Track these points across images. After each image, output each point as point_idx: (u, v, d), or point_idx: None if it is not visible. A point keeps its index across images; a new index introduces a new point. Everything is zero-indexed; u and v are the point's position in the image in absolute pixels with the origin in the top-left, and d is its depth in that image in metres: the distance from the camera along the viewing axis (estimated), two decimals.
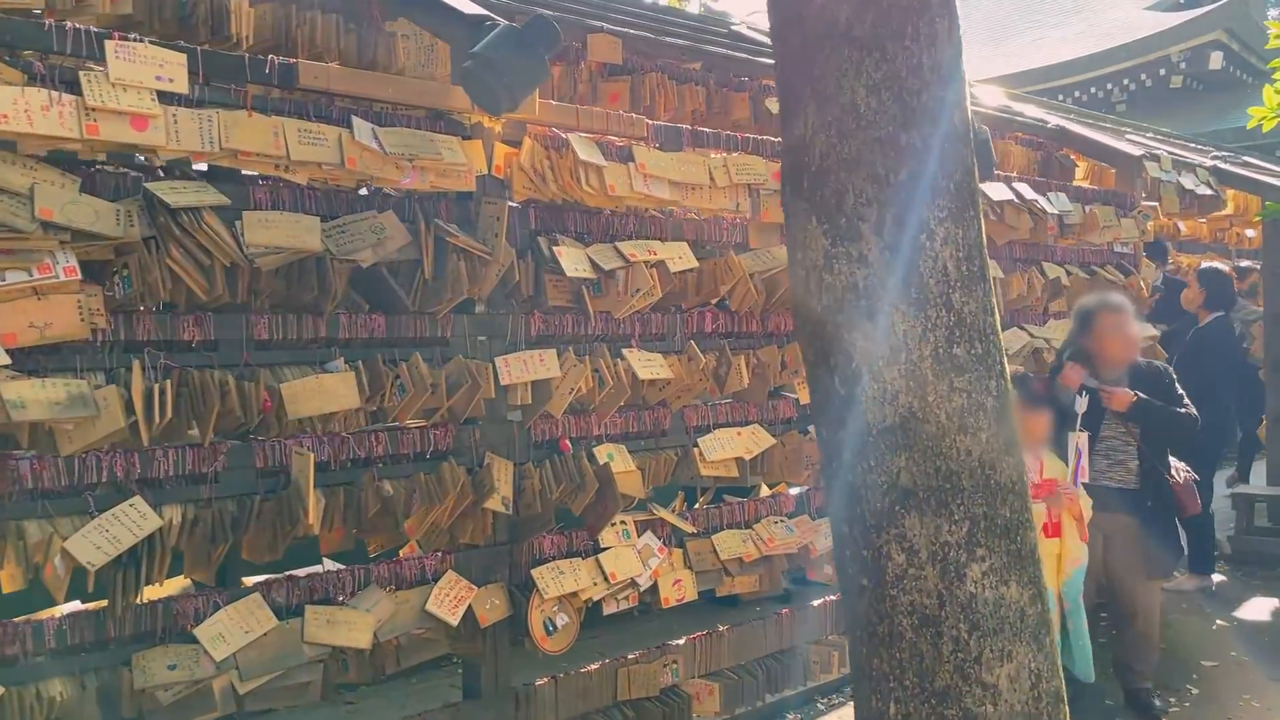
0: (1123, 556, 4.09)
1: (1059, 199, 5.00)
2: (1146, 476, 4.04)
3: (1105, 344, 4.03)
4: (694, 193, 3.44)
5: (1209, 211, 7.10)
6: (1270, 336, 7.04)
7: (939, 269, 2.05)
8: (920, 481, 2.04)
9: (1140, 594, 4.11)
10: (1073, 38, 19.30)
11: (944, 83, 2.08)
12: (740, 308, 3.61)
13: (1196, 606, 5.78)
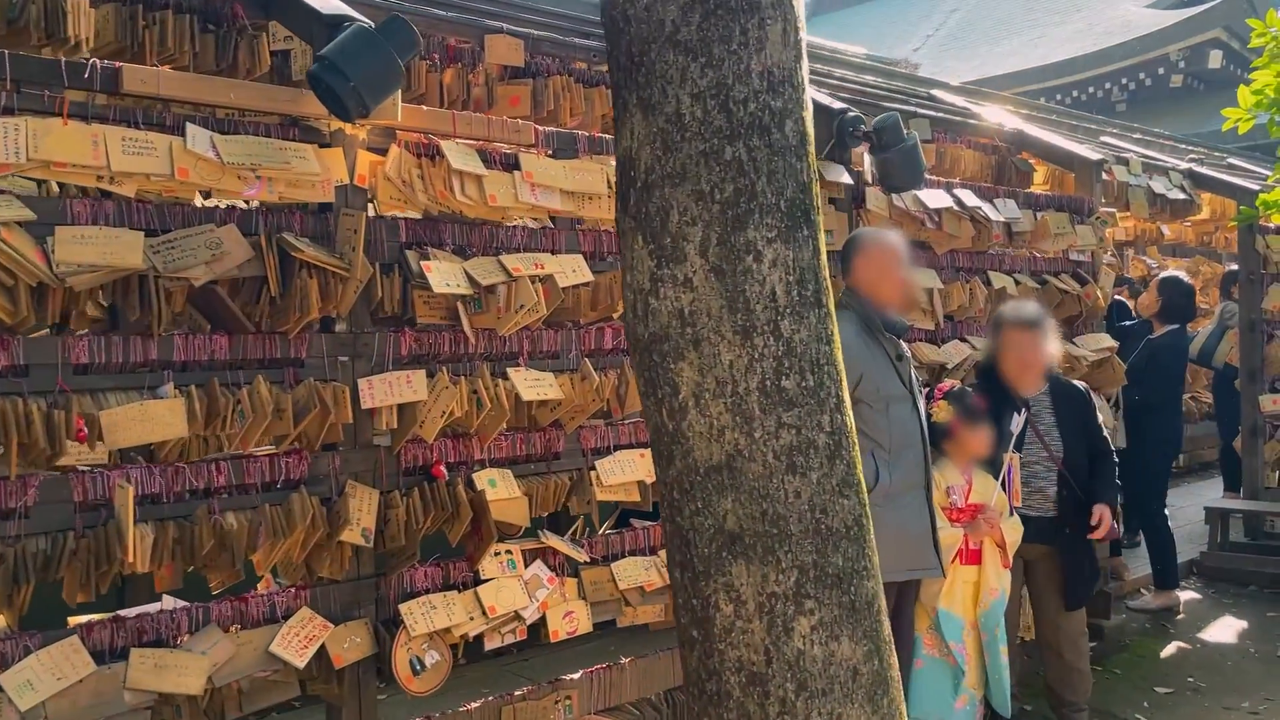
0: (1042, 587, 3.91)
1: (1006, 205, 4.81)
2: (1065, 503, 3.85)
3: (1007, 361, 3.85)
4: (590, 203, 3.26)
5: (1182, 216, 6.89)
6: (1246, 345, 6.81)
7: (766, 294, 1.87)
8: (746, 526, 1.86)
9: (1062, 625, 3.93)
10: (1073, 36, 19.05)
11: (774, 91, 1.89)
12: None
13: (1161, 627, 5.58)
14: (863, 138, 4.02)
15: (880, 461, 3.38)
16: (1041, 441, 3.86)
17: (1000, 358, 3.92)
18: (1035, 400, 3.93)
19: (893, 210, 4.28)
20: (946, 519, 3.74)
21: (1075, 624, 3.97)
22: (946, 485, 3.79)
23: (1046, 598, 3.94)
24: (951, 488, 3.80)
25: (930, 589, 3.72)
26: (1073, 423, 3.91)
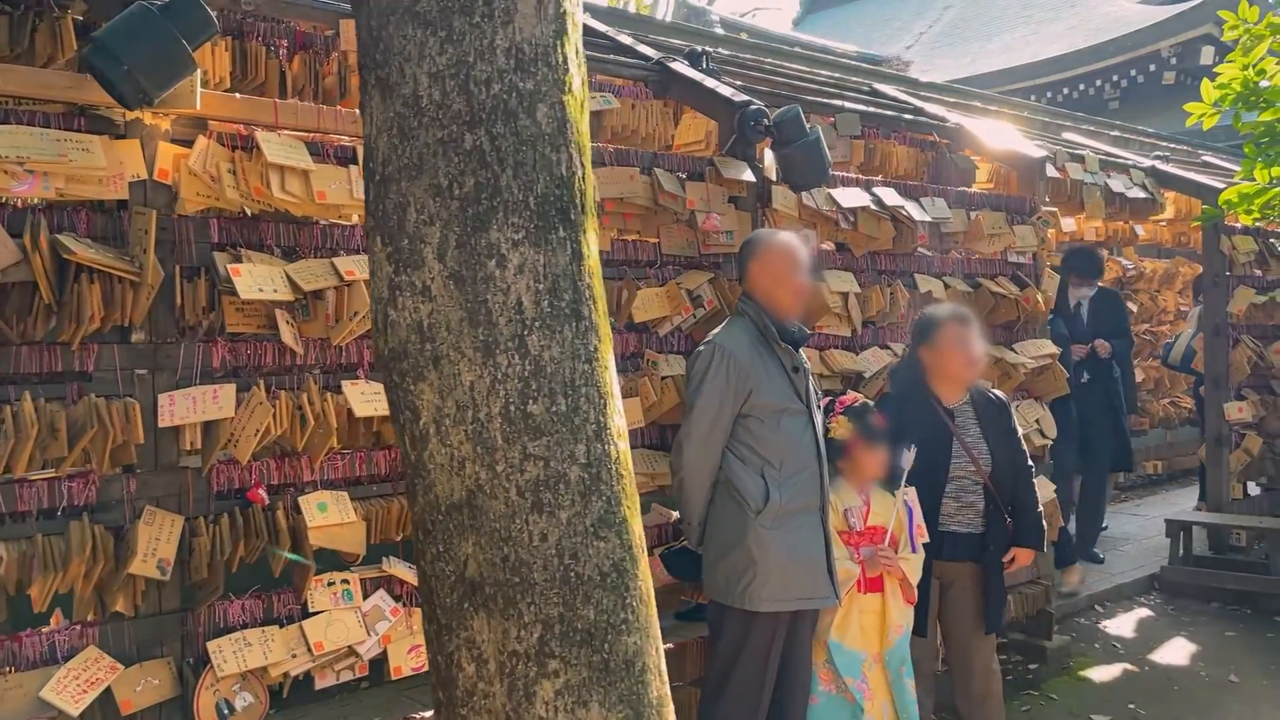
0: (958, 609, 3.65)
1: (935, 204, 4.53)
2: (991, 519, 3.59)
3: (947, 359, 3.59)
4: None
5: (1144, 215, 6.61)
6: (1210, 351, 6.52)
7: (511, 304, 1.61)
8: (487, 573, 1.60)
9: (976, 650, 3.66)
10: (1065, 32, 18.72)
11: (524, 70, 1.64)
12: None
13: (1110, 648, 5.30)
14: (764, 132, 3.76)
15: (771, 481, 3.13)
16: (969, 454, 3.59)
17: (937, 358, 3.64)
18: (959, 410, 3.67)
19: (803, 209, 4.01)
20: (843, 543, 3.49)
21: (989, 649, 3.71)
22: (844, 507, 3.54)
23: (962, 621, 3.68)
24: (849, 509, 3.54)
25: (824, 620, 3.47)
26: (997, 433, 3.64)
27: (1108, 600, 6.00)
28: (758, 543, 3.08)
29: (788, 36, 20.68)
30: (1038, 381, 5.02)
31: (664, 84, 4.13)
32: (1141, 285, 9.45)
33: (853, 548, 3.50)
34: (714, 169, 3.73)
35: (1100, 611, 5.85)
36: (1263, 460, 6.55)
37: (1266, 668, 4.95)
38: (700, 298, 3.62)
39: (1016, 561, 3.64)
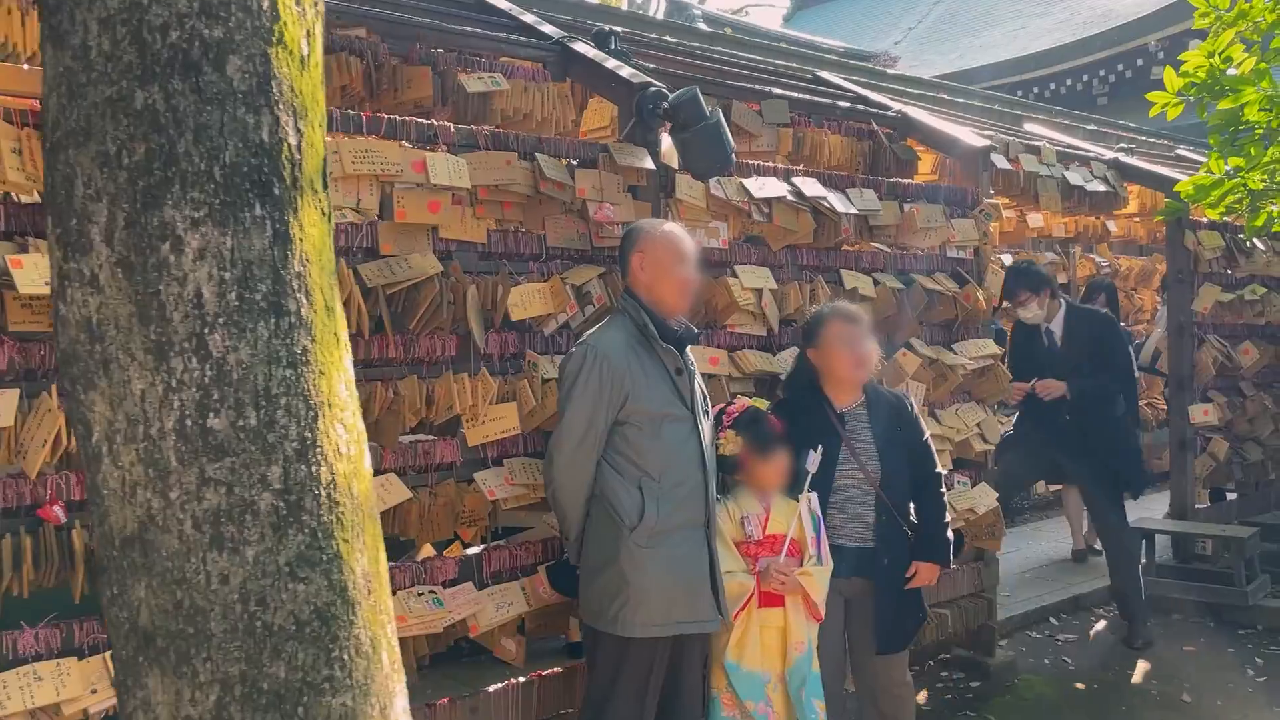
0: (859, 627, 3.38)
1: (863, 196, 4.25)
2: (884, 532, 3.32)
3: (833, 359, 3.32)
4: None
5: (1107, 209, 6.32)
6: (1174, 351, 6.24)
7: (189, 297, 1.34)
8: (159, 622, 1.33)
9: (881, 668, 3.40)
10: (1054, 27, 18.46)
11: (211, 15, 1.36)
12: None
13: (1060, 663, 5.02)
14: (664, 115, 3.48)
15: (648, 494, 2.86)
16: (857, 462, 3.33)
17: (824, 359, 3.40)
18: (850, 415, 3.40)
19: (711, 200, 3.74)
20: (740, 554, 3.22)
21: (894, 671, 3.44)
22: (741, 515, 3.28)
23: (863, 640, 3.41)
24: (747, 517, 3.28)
25: (719, 641, 3.20)
26: (893, 438, 3.37)
27: (1064, 612, 5.73)
28: (631, 562, 2.81)
29: (773, 32, 20.41)
30: (979, 383, 4.74)
31: (564, 65, 3.86)
32: (1117, 283, 9.16)
33: (750, 559, 3.24)
34: (608, 155, 3.45)
35: (1056, 624, 5.58)
36: (1229, 465, 6.26)
37: (1223, 686, 4.68)
38: (590, 294, 3.35)
39: (918, 577, 3.37)
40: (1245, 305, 6.37)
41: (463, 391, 3.01)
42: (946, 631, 4.55)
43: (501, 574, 3.19)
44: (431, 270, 2.93)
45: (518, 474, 3.18)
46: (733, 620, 3.16)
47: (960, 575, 4.70)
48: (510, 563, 3.21)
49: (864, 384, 3.46)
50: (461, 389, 3.01)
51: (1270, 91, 5.23)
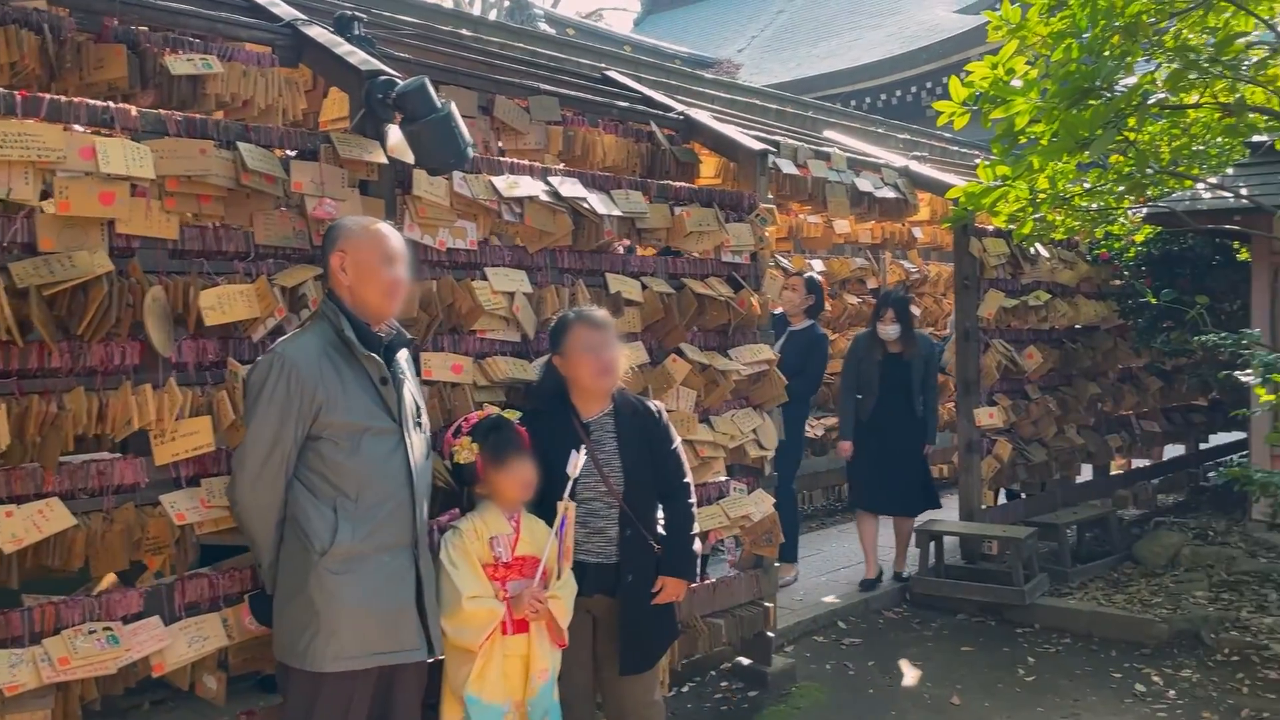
0: (605, 646, 3.24)
1: (628, 198, 4.12)
2: (628, 546, 3.18)
3: (577, 366, 3.18)
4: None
5: (898, 216, 6.43)
6: (961, 355, 6.38)
7: None
8: None
9: (628, 688, 3.27)
10: (885, 39, 19.02)
11: None
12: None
13: (841, 668, 5.01)
14: (393, 106, 3.26)
15: (343, 515, 2.63)
16: (600, 473, 3.18)
17: (568, 367, 3.25)
18: (596, 424, 3.25)
19: (455, 198, 3.53)
20: (487, 578, 3.03)
21: (641, 691, 3.30)
22: (490, 535, 3.08)
23: (609, 659, 3.27)
24: (495, 538, 3.09)
25: (459, 671, 3.01)
26: (639, 448, 3.25)
27: (853, 615, 5.76)
28: (322, 590, 2.58)
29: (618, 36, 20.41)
30: (755, 389, 4.69)
31: (296, 50, 3.59)
32: (926, 289, 9.42)
33: (499, 583, 3.05)
34: (331, 147, 3.20)
35: (843, 627, 5.60)
36: (1014, 467, 6.44)
37: (992, 686, 4.75)
38: (305, 296, 3.09)
39: (664, 593, 3.25)
40: (1029, 310, 6.58)
41: (144, 404, 2.71)
42: (721, 641, 4.47)
43: (200, 605, 2.90)
44: (99, 269, 2.63)
45: (217, 495, 2.90)
46: (477, 650, 2.97)
47: (737, 583, 4.64)
48: (210, 592, 2.92)
49: (612, 392, 3.31)
50: (142, 402, 2.72)
51: (1039, 103, 5.37)
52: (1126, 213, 6.33)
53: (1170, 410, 8.20)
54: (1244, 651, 4.93)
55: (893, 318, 6.00)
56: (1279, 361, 4.43)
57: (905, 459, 6.02)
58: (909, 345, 6.00)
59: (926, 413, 6.09)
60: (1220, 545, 6.19)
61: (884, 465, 5.98)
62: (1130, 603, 5.58)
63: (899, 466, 5.99)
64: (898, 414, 6.00)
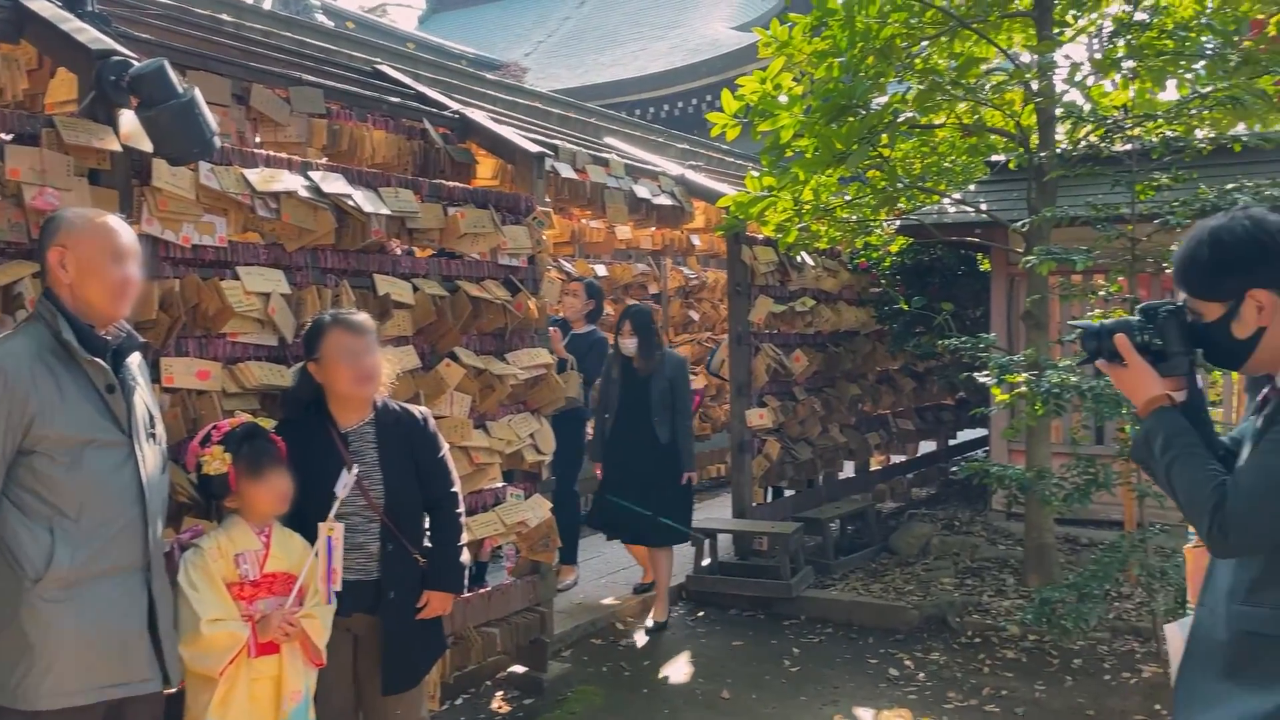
0: (367, 666, 3.11)
1: (398, 196, 3.99)
2: (390, 562, 3.07)
3: (334, 373, 3.03)
4: None
5: (675, 223, 6.56)
6: (734, 359, 6.58)
7: None
8: None
9: (388, 710, 3.15)
10: (669, 51, 19.47)
11: None
12: None
13: (618, 669, 5.04)
14: (129, 90, 3.00)
15: (61, 536, 2.37)
16: (359, 486, 3.04)
17: (324, 373, 3.08)
18: (356, 434, 3.11)
19: (202, 191, 3.29)
20: (232, 598, 2.82)
21: (406, 710, 3.18)
22: (236, 551, 2.88)
23: (370, 679, 3.13)
24: (242, 554, 2.88)
25: (199, 699, 2.79)
26: (402, 459, 3.13)
27: (631, 616, 5.82)
28: (35, 620, 2.33)
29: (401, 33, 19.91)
30: (533, 393, 4.65)
31: (16, 25, 3.24)
32: (705, 294, 9.70)
33: (245, 602, 2.84)
34: (54, 131, 2.91)
35: (621, 629, 5.65)
36: (783, 465, 6.71)
37: (760, 679, 4.90)
38: (21, 296, 2.79)
39: (430, 608, 3.15)
40: (796, 316, 6.88)
41: None
42: (496, 651, 4.39)
43: None
44: None
45: None
46: (219, 676, 2.76)
47: (513, 590, 4.58)
48: None
49: (372, 400, 3.18)
50: None
51: (803, 118, 5.63)
52: (882, 224, 6.75)
53: (923, 409, 8.81)
54: (985, 633, 5.33)
55: (630, 331, 5.58)
56: (1011, 364, 4.83)
57: (643, 483, 5.50)
58: (647, 361, 5.54)
59: (678, 437, 5.57)
60: (965, 534, 6.69)
61: (621, 489, 5.55)
62: (886, 591, 5.92)
63: (636, 491, 5.49)
64: (637, 435, 5.55)
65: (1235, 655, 1.83)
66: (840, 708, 4.51)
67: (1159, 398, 1.94)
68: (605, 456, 5.76)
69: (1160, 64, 5.24)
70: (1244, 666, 1.81)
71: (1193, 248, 1.90)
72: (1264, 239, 1.83)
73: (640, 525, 5.57)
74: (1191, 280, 1.92)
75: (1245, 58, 5.11)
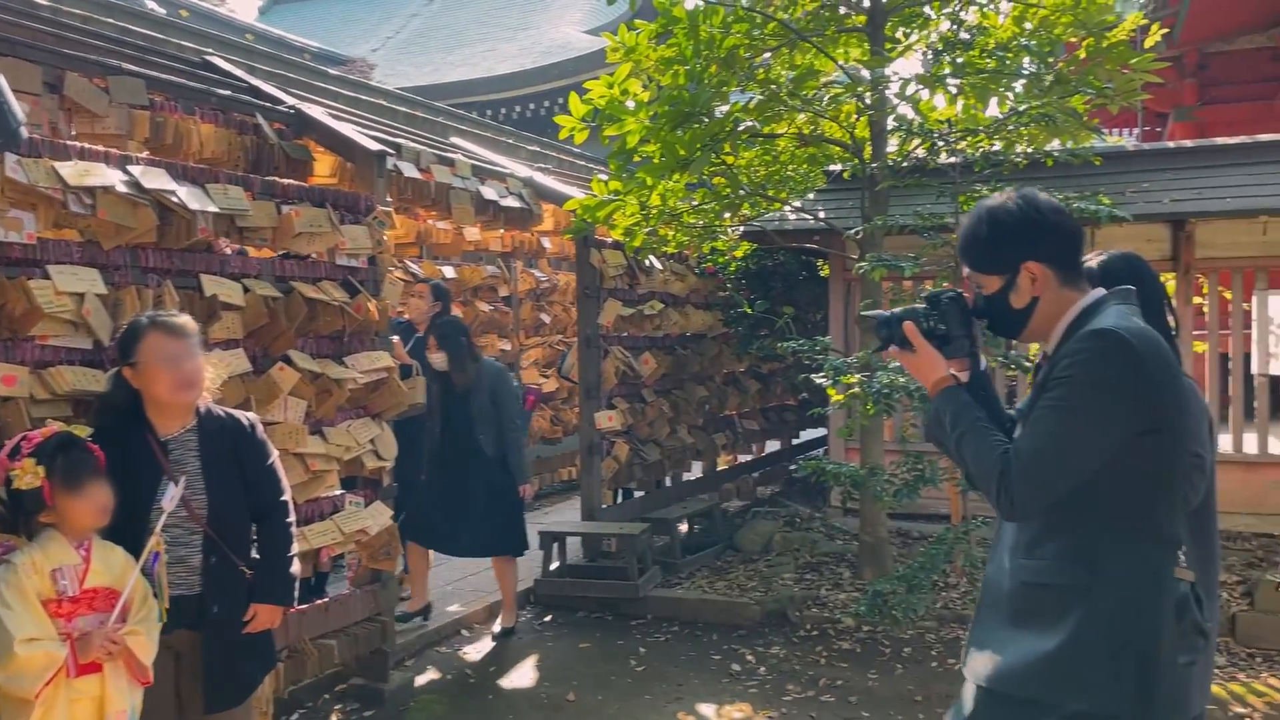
0: (191, 685, 2.97)
1: (228, 193, 3.83)
2: (213, 575, 2.94)
3: (152, 379, 2.88)
4: None
5: (523, 225, 6.53)
6: (583, 361, 6.61)
7: None
8: None
9: None
10: (519, 52, 19.36)
11: None
12: None
13: (464, 677, 4.97)
14: None
15: None
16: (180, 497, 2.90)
17: (141, 379, 2.90)
18: (176, 442, 2.96)
19: (7, 184, 3.08)
20: (48, 616, 2.65)
21: None
22: (52, 567, 2.70)
23: (193, 698, 2.99)
24: (59, 570, 2.71)
25: None
26: (227, 467, 2.99)
27: (477, 623, 5.77)
28: None
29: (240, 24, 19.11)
30: (374, 398, 4.54)
31: None
32: (556, 297, 9.68)
33: (64, 620, 2.67)
34: None
35: (466, 636, 5.58)
36: (631, 466, 6.78)
37: (606, 679, 4.93)
38: None
39: (257, 621, 3.03)
40: (645, 319, 6.96)
41: None
42: (334, 663, 4.27)
43: None
44: None
45: None
46: (35, 698, 2.59)
47: (353, 600, 4.46)
48: None
49: (195, 407, 3.03)
50: None
51: (649, 123, 5.70)
52: (727, 230, 6.91)
53: (768, 409, 9.05)
54: (822, 626, 5.52)
55: (434, 345, 5.40)
56: (845, 365, 5.02)
57: (468, 497, 5.37)
58: (460, 374, 5.38)
59: (508, 450, 5.46)
60: (805, 531, 6.90)
61: (441, 501, 5.41)
62: (730, 588, 6.05)
63: (455, 503, 5.38)
64: (461, 449, 5.40)
65: (1019, 605, 1.98)
66: (684, 704, 4.58)
67: (946, 378, 2.09)
68: (428, 470, 5.56)
69: (982, 82, 5.54)
70: (1026, 615, 1.96)
71: (973, 225, 2.07)
72: (1035, 216, 2.00)
73: (457, 535, 5.42)
74: (972, 255, 2.08)
75: (1058, 78, 5.46)
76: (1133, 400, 1.86)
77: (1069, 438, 1.87)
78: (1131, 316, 1.95)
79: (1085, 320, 1.97)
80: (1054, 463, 1.88)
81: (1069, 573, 1.92)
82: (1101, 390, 1.86)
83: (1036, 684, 1.92)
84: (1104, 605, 1.89)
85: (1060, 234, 2.02)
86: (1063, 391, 1.89)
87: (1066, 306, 2.01)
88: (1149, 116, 13.99)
